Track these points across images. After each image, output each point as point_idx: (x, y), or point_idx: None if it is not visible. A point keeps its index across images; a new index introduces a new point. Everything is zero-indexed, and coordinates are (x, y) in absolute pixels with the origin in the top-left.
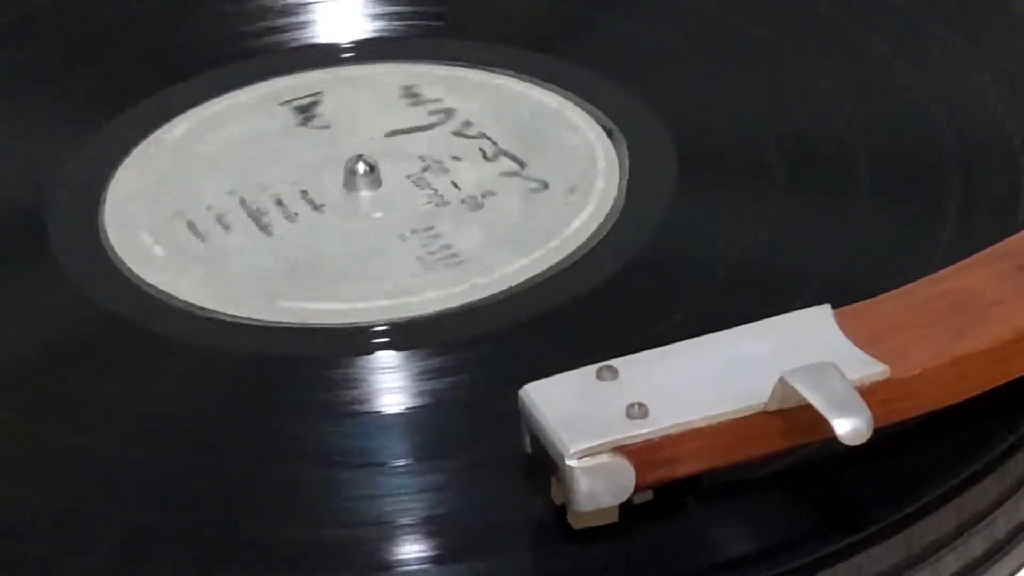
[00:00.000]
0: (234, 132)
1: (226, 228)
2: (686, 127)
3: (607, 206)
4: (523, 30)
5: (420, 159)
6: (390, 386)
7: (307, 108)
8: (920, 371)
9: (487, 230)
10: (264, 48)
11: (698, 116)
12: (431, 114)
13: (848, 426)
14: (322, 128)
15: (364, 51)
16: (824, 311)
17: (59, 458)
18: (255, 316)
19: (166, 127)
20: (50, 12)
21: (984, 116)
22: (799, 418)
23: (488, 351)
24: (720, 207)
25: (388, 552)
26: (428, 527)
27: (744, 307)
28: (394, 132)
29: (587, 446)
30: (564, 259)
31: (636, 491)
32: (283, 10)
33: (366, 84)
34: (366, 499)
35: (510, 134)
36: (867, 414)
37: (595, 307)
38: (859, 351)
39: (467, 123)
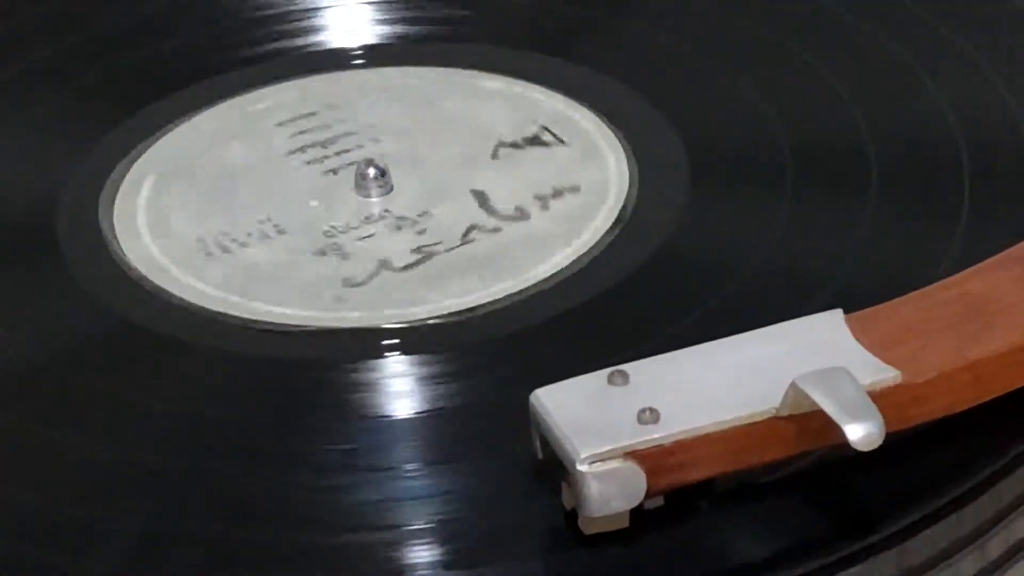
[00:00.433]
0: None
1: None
2: (698, 131)
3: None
4: (533, 34)
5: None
6: (400, 390)
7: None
8: (933, 376)
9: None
10: (281, 51)
11: (710, 120)
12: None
13: (860, 431)
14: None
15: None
16: (836, 315)
17: (67, 461)
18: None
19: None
20: (66, 15)
21: (998, 119)
22: (811, 423)
23: (499, 356)
24: (731, 211)
25: (399, 557)
26: (439, 532)
27: (755, 312)
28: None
29: (598, 451)
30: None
31: (647, 496)
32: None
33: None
34: (377, 504)
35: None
36: (879, 419)
37: (606, 312)
38: (871, 356)
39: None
